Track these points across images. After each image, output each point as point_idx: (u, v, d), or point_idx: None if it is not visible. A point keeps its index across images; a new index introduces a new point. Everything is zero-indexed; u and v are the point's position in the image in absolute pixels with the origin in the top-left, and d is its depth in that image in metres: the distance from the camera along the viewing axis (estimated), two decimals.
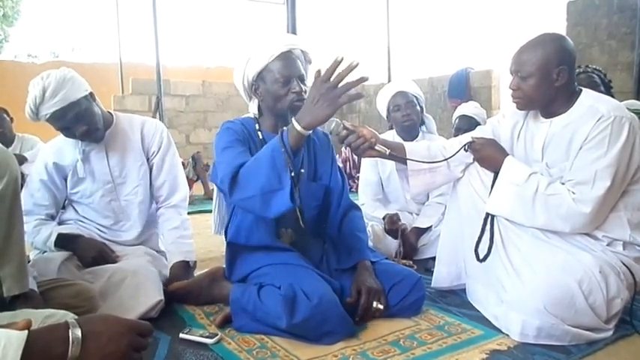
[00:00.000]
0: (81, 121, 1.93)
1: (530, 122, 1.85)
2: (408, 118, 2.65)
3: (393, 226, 2.55)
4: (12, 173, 1.30)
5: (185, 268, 2.08)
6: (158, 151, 2.17)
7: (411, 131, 2.72)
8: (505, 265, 1.71)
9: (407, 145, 1.96)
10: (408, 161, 1.90)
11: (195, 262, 2.20)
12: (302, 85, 1.80)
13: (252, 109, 1.90)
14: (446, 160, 1.89)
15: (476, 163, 1.88)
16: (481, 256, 1.79)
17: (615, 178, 1.59)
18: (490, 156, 1.83)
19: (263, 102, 1.85)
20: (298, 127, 1.52)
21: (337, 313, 1.58)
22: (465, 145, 1.86)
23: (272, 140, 1.59)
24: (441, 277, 2.03)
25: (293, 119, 1.55)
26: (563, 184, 1.67)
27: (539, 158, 1.78)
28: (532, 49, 1.69)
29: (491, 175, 1.83)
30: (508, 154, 1.81)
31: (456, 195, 1.96)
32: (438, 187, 2.13)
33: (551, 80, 1.67)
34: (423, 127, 2.81)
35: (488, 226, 1.80)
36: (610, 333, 1.59)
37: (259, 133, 1.87)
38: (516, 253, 1.71)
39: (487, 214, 1.81)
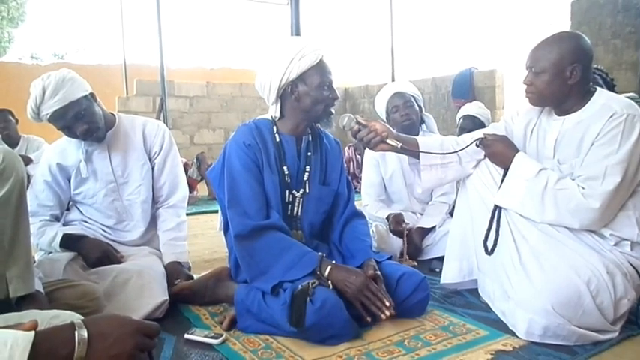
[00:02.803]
0: (81, 120, 1.95)
1: (543, 120, 1.86)
2: (407, 118, 2.65)
3: (398, 226, 2.55)
4: (18, 175, 1.31)
5: (178, 266, 2.08)
6: (160, 152, 2.18)
7: (411, 131, 2.71)
8: (513, 258, 1.69)
9: (420, 139, 1.96)
10: (420, 155, 1.90)
11: (189, 264, 2.20)
12: (336, 92, 1.85)
13: (274, 112, 1.86)
14: (457, 152, 1.88)
15: (486, 160, 1.88)
16: (489, 249, 1.79)
17: (625, 175, 1.59)
18: (501, 152, 1.83)
19: (298, 102, 1.81)
20: (325, 273, 1.65)
21: (341, 317, 1.57)
22: (476, 140, 1.86)
23: (307, 253, 1.71)
24: (452, 273, 1.99)
25: (329, 267, 1.65)
26: (573, 180, 1.68)
27: (551, 155, 1.78)
28: (548, 45, 1.71)
29: (502, 171, 1.83)
30: (519, 151, 1.81)
31: (466, 190, 1.96)
32: (450, 183, 2.13)
33: (565, 77, 1.68)
34: (424, 127, 2.80)
35: (495, 219, 1.80)
36: (616, 334, 1.59)
37: (277, 135, 1.87)
38: (525, 246, 1.70)
39: (495, 207, 1.81)
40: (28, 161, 3.95)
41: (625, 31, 4.89)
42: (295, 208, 1.87)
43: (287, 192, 1.85)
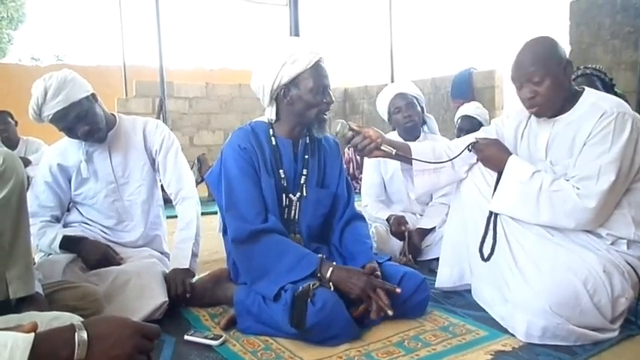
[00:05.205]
0: (82, 121, 1.95)
1: (533, 122, 1.85)
2: (409, 119, 2.65)
3: (399, 228, 2.55)
4: (18, 176, 1.31)
5: (177, 275, 1.98)
6: (161, 149, 2.18)
7: (413, 132, 2.71)
8: (509, 263, 1.70)
9: (412, 145, 1.96)
10: (413, 161, 1.90)
11: (194, 269, 2.12)
12: (331, 96, 1.82)
13: (270, 115, 1.86)
14: (450, 160, 1.89)
15: (479, 164, 1.88)
16: (485, 255, 1.79)
17: (619, 173, 1.59)
18: (494, 156, 1.83)
19: (291, 107, 1.80)
20: (326, 275, 1.63)
21: (342, 317, 1.57)
22: (468, 145, 1.86)
23: (307, 255, 1.70)
24: (445, 278, 2.03)
25: (330, 268, 1.65)
26: (567, 180, 1.68)
27: (543, 157, 1.78)
28: (534, 54, 1.68)
29: (495, 175, 1.83)
30: (512, 154, 1.81)
31: (460, 196, 1.96)
32: (443, 188, 2.13)
33: (563, 76, 1.68)
34: (425, 127, 2.80)
35: (491, 225, 1.80)
36: (616, 333, 1.59)
37: (273, 138, 1.86)
38: (521, 251, 1.71)
39: (490, 213, 1.80)
40: (27, 163, 3.95)
41: (624, 31, 4.89)
42: (292, 212, 1.87)
43: (284, 195, 1.84)
